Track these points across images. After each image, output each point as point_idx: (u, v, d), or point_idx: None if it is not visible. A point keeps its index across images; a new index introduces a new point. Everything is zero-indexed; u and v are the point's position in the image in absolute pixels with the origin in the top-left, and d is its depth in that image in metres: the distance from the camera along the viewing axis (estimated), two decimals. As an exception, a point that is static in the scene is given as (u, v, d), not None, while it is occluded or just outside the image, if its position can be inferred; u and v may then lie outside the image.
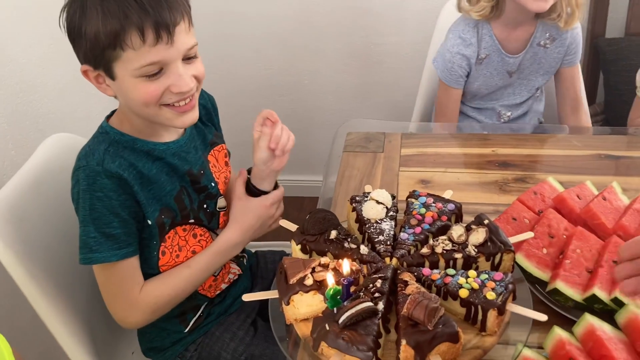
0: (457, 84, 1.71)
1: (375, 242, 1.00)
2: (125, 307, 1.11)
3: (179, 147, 1.13)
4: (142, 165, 1.07)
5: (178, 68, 1.00)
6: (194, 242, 1.17)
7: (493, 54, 1.67)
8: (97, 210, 1.02)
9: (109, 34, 0.94)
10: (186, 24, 1.00)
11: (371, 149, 1.47)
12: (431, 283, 0.92)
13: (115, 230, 1.04)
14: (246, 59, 2.43)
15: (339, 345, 0.80)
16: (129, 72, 0.98)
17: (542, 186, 1.20)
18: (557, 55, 1.71)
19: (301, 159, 2.64)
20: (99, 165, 1.02)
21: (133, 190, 1.04)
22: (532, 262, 1.02)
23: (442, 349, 0.81)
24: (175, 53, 0.99)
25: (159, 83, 0.99)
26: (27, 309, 1.15)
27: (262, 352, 1.22)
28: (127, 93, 1.01)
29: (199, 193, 1.16)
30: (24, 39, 1.51)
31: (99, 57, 0.98)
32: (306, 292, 0.87)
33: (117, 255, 1.05)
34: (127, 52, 0.96)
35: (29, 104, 1.53)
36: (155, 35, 0.95)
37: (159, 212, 1.09)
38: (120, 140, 1.07)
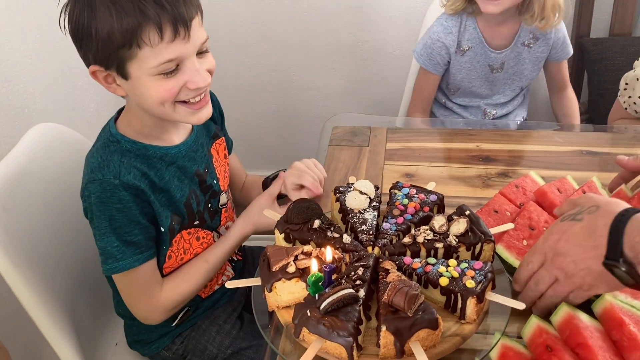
0: (434, 69, 1.75)
1: (358, 232, 1.01)
2: (149, 307, 1.12)
3: (189, 147, 1.13)
4: (155, 173, 1.07)
5: (194, 63, 0.99)
6: (197, 244, 1.18)
7: (476, 46, 1.70)
8: (118, 220, 1.02)
9: (125, 32, 0.91)
10: (199, 17, 0.99)
11: (357, 142, 1.48)
12: (412, 271, 0.93)
13: (136, 238, 1.04)
14: (234, 55, 2.43)
15: (320, 331, 0.81)
16: (146, 70, 0.95)
17: (523, 180, 1.22)
18: (540, 54, 1.74)
19: (289, 155, 2.64)
20: (115, 178, 1.01)
21: (150, 199, 1.05)
22: (512, 253, 1.04)
23: (421, 335, 0.82)
24: (191, 48, 0.97)
25: (175, 80, 0.98)
26: (11, 299, 1.15)
27: (248, 345, 1.23)
28: (142, 92, 0.99)
29: (205, 193, 1.17)
30: (9, 30, 1.50)
31: (112, 57, 0.95)
32: (288, 279, 0.88)
33: (139, 260, 1.06)
34: (143, 50, 0.93)
35: (14, 94, 1.53)
36: (173, 31, 0.93)
37: (170, 218, 1.09)
38: (132, 149, 1.05)
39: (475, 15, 1.68)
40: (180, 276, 1.15)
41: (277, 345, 0.89)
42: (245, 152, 2.66)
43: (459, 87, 1.80)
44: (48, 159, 1.26)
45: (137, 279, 1.08)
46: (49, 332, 1.15)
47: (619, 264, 0.77)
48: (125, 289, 1.11)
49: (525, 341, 0.90)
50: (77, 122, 1.80)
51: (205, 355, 1.23)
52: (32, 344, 1.52)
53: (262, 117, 2.58)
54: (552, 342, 0.86)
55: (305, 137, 2.58)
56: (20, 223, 1.15)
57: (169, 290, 1.13)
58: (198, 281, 1.16)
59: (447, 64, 1.76)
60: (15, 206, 1.15)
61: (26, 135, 1.26)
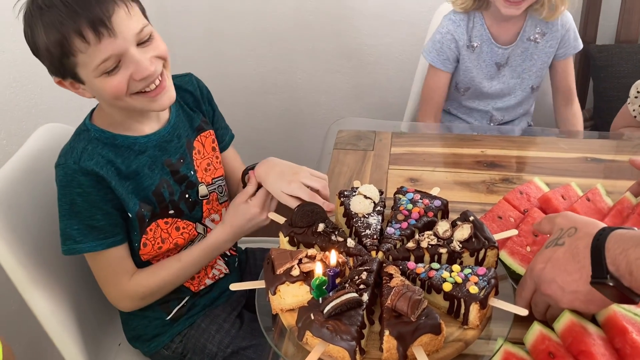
0: (444, 66, 1.74)
1: (362, 236, 1.01)
2: (116, 293, 1.16)
3: (161, 138, 1.15)
4: (122, 161, 1.09)
5: (134, 55, 1.00)
6: (177, 234, 1.18)
7: (483, 43, 1.70)
8: (78, 204, 1.06)
9: (55, 45, 0.96)
10: (124, 9, 0.99)
11: (361, 146, 1.49)
12: (416, 276, 0.93)
13: (99, 223, 1.07)
14: (240, 58, 2.44)
15: (323, 334, 0.82)
16: (90, 72, 0.99)
17: (528, 186, 1.22)
18: (549, 49, 1.72)
19: (293, 158, 2.63)
20: (75, 163, 1.05)
21: (111, 186, 1.07)
22: (516, 260, 1.04)
23: (424, 340, 0.82)
24: (123, 43, 0.98)
25: (120, 75, 1.00)
26: (15, 298, 1.16)
27: (248, 344, 1.23)
28: (98, 91, 1.03)
29: (180, 183, 1.18)
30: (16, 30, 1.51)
31: (60, 67, 1.00)
32: (293, 282, 0.88)
33: (103, 244, 1.09)
34: (79, 57, 0.97)
35: (21, 94, 1.54)
36: (95, 34, 0.95)
37: (138, 205, 1.11)
38: (101, 137, 1.09)
39: (483, 10, 1.68)
40: (151, 270, 1.17)
41: (280, 348, 0.90)
42: (250, 154, 2.66)
43: (469, 87, 1.79)
44: (54, 158, 1.26)
45: (104, 263, 1.12)
46: (53, 330, 1.16)
47: (606, 281, 0.79)
48: (95, 272, 1.15)
49: (527, 347, 0.90)
50: (82, 122, 1.81)
51: (205, 354, 1.24)
52: (36, 344, 1.53)
53: (267, 120, 2.59)
54: (554, 349, 0.86)
55: (310, 140, 2.58)
56: (26, 221, 1.16)
57: (137, 280, 1.15)
58: (167, 277, 1.17)
59: (456, 61, 1.74)
60: (22, 205, 1.16)
61: (33, 135, 1.27)
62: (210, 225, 1.25)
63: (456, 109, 1.88)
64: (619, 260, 0.78)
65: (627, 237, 0.79)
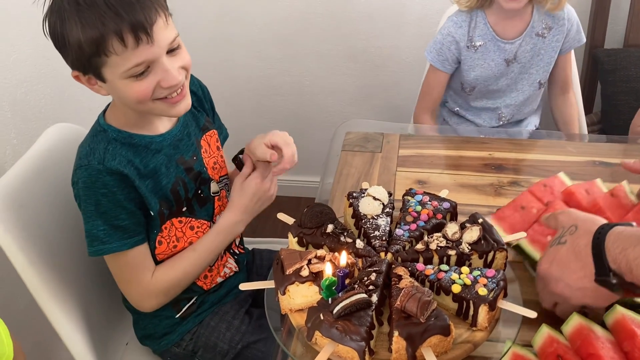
0: (443, 66, 1.75)
1: (370, 237, 1.02)
2: (139, 293, 1.16)
3: (174, 136, 1.16)
4: (140, 160, 1.10)
5: (164, 63, 1.02)
6: (192, 233, 1.19)
7: (488, 42, 1.70)
8: (103, 205, 1.06)
9: (90, 43, 0.96)
10: (163, 18, 1.01)
11: (369, 148, 1.49)
12: (425, 278, 0.93)
13: (123, 222, 1.08)
14: (247, 60, 2.44)
15: (333, 334, 0.82)
16: (117, 75, 1.00)
17: (552, 180, 1.23)
18: (555, 44, 1.73)
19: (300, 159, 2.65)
20: (100, 163, 1.05)
21: (135, 185, 1.08)
22: (536, 247, 1.06)
23: (433, 341, 0.83)
24: (157, 50, 1.00)
25: (148, 81, 1.01)
26: (25, 296, 1.17)
27: (257, 338, 1.24)
28: (119, 93, 1.04)
29: (195, 180, 1.19)
30: (28, 31, 1.52)
31: (86, 64, 1.00)
32: (302, 282, 0.89)
33: (127, 244, 1.09)
34: (111, 58, 0.97)
35: (32, 93, 1.55)
36: (135, 38, 0.96)
37: (159, 204, 1.12)
38: (118, 138, 1.10)
39: (485, 8, 1.68)
40: (169, 263, 1.18)
41: (289, 348, 0.90)
42: (257, 155, 2.68)
43: (474, 86, 1.79)
44: (64, 158, 1.27)
45: (127, 263, 1.12)
46: (62, 328, 1.17)
47: (609, 278, 0.81)
48: (117, 273, 1.15)
49: (535, 350, 0.90)
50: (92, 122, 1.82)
51: (217, 351, 1.25)
52: (45, 342, 1.53)
53: (275, 121, 2.59)
54: (563, 352, 0.87)
55: (317, 142, 2.58)
56: (36, 220, 1.17)
57: (157, 277, 1.16)
58: (186, 268, 1.18)
59: (456, 62, 1.75)
60: (32, 204, 1.17)
61: (43, 135, 1.28)
62: None
63: (465, 111, 1.88)
64: (619, 259, 0.80)
65: (625, 235, 0.81)
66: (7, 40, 1.45)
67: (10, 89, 1.46)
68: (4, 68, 1.44)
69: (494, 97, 1.81)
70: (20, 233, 1.11)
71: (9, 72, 1.45)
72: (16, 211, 1.12)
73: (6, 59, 1.44)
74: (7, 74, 1.44)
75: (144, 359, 1.36)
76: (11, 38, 1.46)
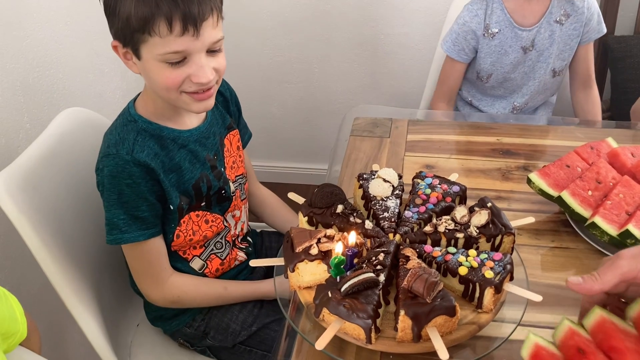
0: (459, 56, 1.74)
1: (380, 219, 1.03)
2: (151, 285, 1.18)
3: (201, 133, 1.18)
4: (166, 153, 1.12)
5: (200, 59, 1.03)
6: (206, 227, 1.21)
7: (505, 29, 1.68)
8: (126, 195, 1.08)
9: (139, 19, 0.98)
10: (214, 18, 1.03)
11: (378, 134, 1.50)
12: (432, 260, 0.94)
13: (143, 214, 1.10)
14: (256, 47, 2.45)
15: (340, 312, 0.83)
16: (154, 55, 1.02)
17: (599, 143, 1.27)
18: (573, 32, 1.70)
19: (308, 147, 2.68)
20: (128, 154, 1.07)
21: (159, 178, 1.10)
22: (576, 200, 1.13)
23: (438, 321, 0.84)
24: (199, 45, 1.02)
25: (180, 71, 1.03)
26: (39, 278, 1.19)
27: (272, 319, 1.27)
28: (150, 74, 1.05)
29: (219, 179, 1.20)
30: (40, 16, 1.54)
31: (128, 37, 1.02)
32: (311, 260, 0.90)
33: (144, 235, 1.11)
34: (154, 38, 0.99)
35: (44, 78, 1.56)
36: (182, 27, 0.98)
37: (179, 199, 1.14)
38: (148, 129, 1.11)
39: None
40: (194, 280, 1.22)
41: (297, 324, 0.92)
42: (267, 143, 2.70)
43: (491, 74, 1.76)
44: (76, 141, 1.29)
45: (144, 254, 1.14)
46: (75, 308, 1.19)
47: None
48: (134, 263, 1.17)
49: (556, 343, 0.90)
50: (103, 107, 1.84)
51: (229, 332, 1.27)
52: (58, 324, 1.56)
53: (284, 108, 2.60)
54: (584, 345, 0.86)
55: (326, 129, 2.60)
56: (49, 202, 1.19)
57: (176, 283, 1.19)
58: (206, 296, 1.23)
59: (473, 52, 1.73)
60: (45, 186, 1.19)
61: (56, 119, 1.29)
62: (230, 220, 1.27)
63: (478, 101, 1.87)
64: None
65: None
66: (19, 25, 1.46)
67: (23, 74, 1.48)
68: (17, 53, 1.45)
69: (509, 85, 1.79)
70: (34, 214, 1.13)
71: (21, 57, 1.46)
72: (29, 193, 1.14)
73: (19, 44, 1.46)
74: (19, 59, 1.46)
75: (155, 339, 1.38)
76: (23, 23, 1.48)
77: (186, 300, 1.22)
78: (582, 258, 1.11)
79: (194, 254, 1.23)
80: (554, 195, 1.17)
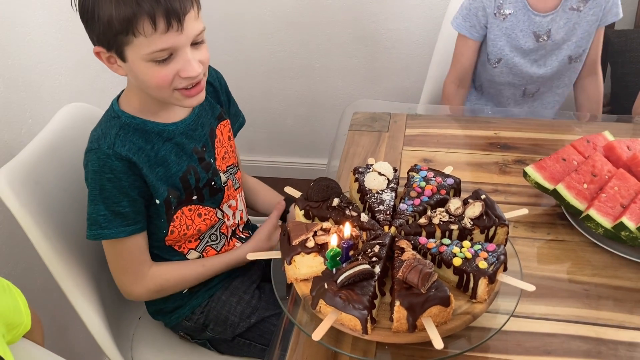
0: (470, 33, 1.66)
1: (375, 212, 1.04)
2: (132, 281, 1.18)
3: (187, 126, 1.18)
4: (151, 147, 1.12)
5: (187, 53, 1.03)
6: (200, 221, 1.22)
7: (519, 11, 1.60)
8: (107, 190, 1.08)
9: (122, 21, 0.97)
10: (195, 10, 1.03)
11: (376, 128, 1.51)
12: (427, 251, 0.96)
13: (124, 209, 1.10)
14: (257, 42, 2.46)
15: (336, 303, 0.85)
16: (140, 56, 1.01)
17: (596, 137, 1.28)
18: (592, 17, 1.62)
19: (309, 142, 2.69)
20: (109, 148, 1.07)
21: (142, 173, 1.10)
22: (572, 193, 1.15)
23: (433, 311, 0.85)
24: (184, 39, 1.02)
25: (168, 68, 1.03)
26: (42, 272, 1.20)
27: (272, 313, 1.28)
28: (139, 75, 1.05)
29: (207, 170, 1.21)
30: (42, 12, 1.55)
31: (111, 41, 1.01)
32: (307, 253, 0.91)
33: (125, 231, 1.11)
34: (138, 38, 0.99)
35: (46, 75, 1.58)
36: (166, 23, 0.98)
37: (167, 192, 1.14)
38: (131, 124, 1.11)
39: None
40: (173, 265, 1.22)
41: (295, 316, 0.93)
42: (268, 137, 2.71)
43: (500, 58, 1.68)
44: (77, 136, 1.30)
45: (124, 250, 1.14)
46: (77, 301, 1.20)
47: None
48: (113, 259, 1.17)
49: None
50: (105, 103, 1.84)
51: (228, 324, 1.28)
52: (61, 317, 1.58)
53: (284, 103, 2.61)
54: None
55: (327, 123, 2.61)
56: (50, 196, 1.20)
57: (157, 272, 1.19)
58: (187, 278, 1.23)
59: (484, 29, 1.65)
60: (47, 180, 1.20)
61: (57, 114, 1.31)
62: (226, 211, 1.28)
63: (488, 88, 1.80)
64: None
65: None
66: (22, 22, 1.48)
67: (25, 70, 1.49)
68: (19, 50, 1.47)
69: (520, 71, 1.70)
70: (36, 208, 1.15)
71: (23, 54, 1.48)
72: (31, 187, 1.16)
73: (21, 40, 1.48)
74: (22, 55, 1.47)
75: (157, 332, 1.40)
76: (26, 20, 1.49)
77: (168, 287, 1.22)
78: (577, 250, 1.12)
79: (190, 247, 1.25)
80: (550, 188, 1.18)
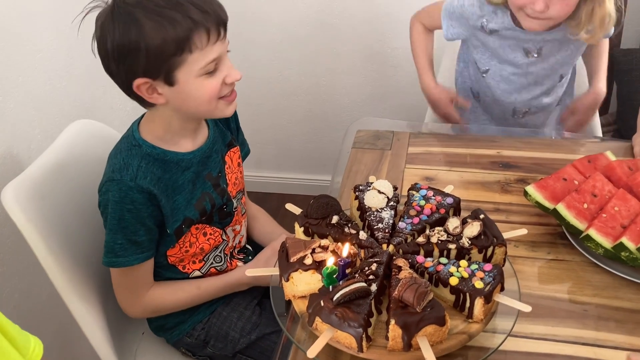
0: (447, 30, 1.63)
1: (374, 229, 1.05)
2: (131, 301, 1.21)
3: (203, 153, 1.20)
4: (169, 177, 1.14)
5: (227, 60, 1.09)
6: (204, 240, 1.24)
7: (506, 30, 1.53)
8: (126, 220, 1.10)
9: (178, 41, 1.00)
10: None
11: (379, 146, 1.52)
12: (424, 270, 0.96)
13: (140, 238, 1.12)
14: (264, 61, 2.48)
15: (332, 320, 0.85)
16: (193, 73, 1.04)
17: (597, 157, 1.29)
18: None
19: (314, 159, 2.70)
20: (132, 180, 1.08)
21: (160, 204, 1.12)
22: (572, 212, 1.15)
23: (428, 330, 0.86)
24: (225, 47, 1.08)
25: (216, 78, 1.07)
26: (47, 286, 1.22)
27: (272, 330, 1.28)
28: (188, 95, 1.07)
29: (222, 196, 1.23)
30: (52, 29, 1.59)
31: (161, 67, 1.02)
32: (305, 270, 0.92)
33: (139, 259, 1.14)
34: (194, 54, 1.02)
35: (55, 91, 1.61)
36: (217, 33, 1.04)
37: (180, 222, 1.16)
38: (152, 153, 1.12)
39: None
40: (170, 287, 1.24)
41: (294, 334, 0.94)
42: (276, 154, 2.73)
43: (488, 68, 1.63)
44: (85, 153, 1.33)
45: (131, 276, 1.17)
46: (81, 316, 1.22)
47: None
48: (118, 280, 1.20)
49: None
50: (113, 120, 1.88)
51: (228, 340, 1.29)
52: (65, 332, 1.59)
53: (292, 121, 2.63)
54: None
55: (333, 141, 2.62)
56: (57, 212, 1.22)
57: (153, 295, 1.21)
58: (183, 300, 1.25)
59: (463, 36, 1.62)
60: (53, 196, 1.22)
61: (66, 130, 1.33)
62: (229, 234, 1.29)
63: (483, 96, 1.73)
64: None
65: None
66: (32, 40, 1.51)
67: (35, 86, 1.52)
68: (30, 67, 1.50)
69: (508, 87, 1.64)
70: (42, 223, 1.16)
71: (34, 71, 1.51)
72: (38, 202, 1.18)
73: (32, 58, 1.51)
74: (32, 72, 1.51)
75: (159, 348, 1.40)
76: (36, 38, 1.53)
77: (164, 308, 1.25)
78: (577, 270, 1.12)
79: (194, 268, 1.26)
80: (550, 208, 1.19)
